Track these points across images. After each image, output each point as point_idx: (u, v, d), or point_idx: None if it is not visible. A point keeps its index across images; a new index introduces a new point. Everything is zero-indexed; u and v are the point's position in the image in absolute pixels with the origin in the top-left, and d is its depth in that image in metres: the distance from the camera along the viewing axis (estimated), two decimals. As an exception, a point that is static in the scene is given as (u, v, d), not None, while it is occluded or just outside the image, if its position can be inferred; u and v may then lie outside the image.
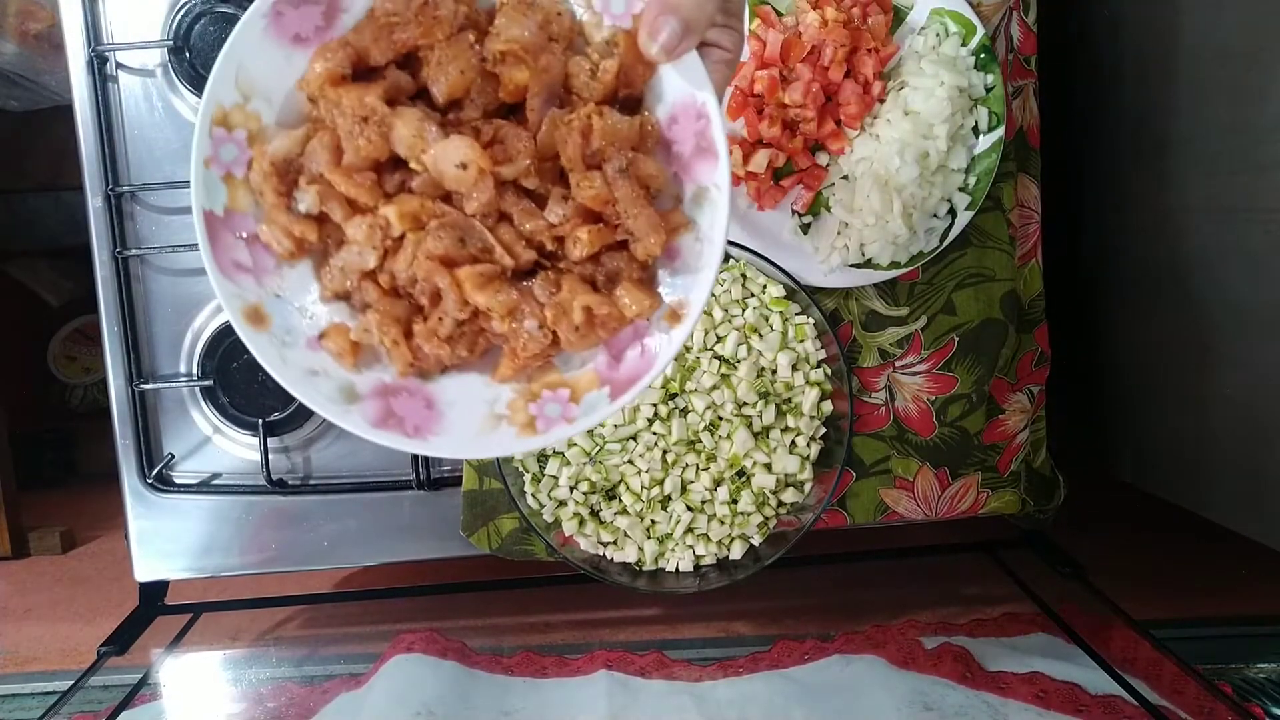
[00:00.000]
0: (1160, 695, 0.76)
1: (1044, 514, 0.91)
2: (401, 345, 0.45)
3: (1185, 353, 0.84)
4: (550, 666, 0.84)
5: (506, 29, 0.43)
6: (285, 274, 0.46)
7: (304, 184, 0.44)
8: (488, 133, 0.44)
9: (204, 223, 0.44)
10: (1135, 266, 0.91)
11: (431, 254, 0.43)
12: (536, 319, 0.45)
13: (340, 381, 0.45)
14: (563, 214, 0.44)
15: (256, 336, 0.45)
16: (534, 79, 0.43)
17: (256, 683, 0.86)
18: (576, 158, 0.44)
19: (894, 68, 0.81)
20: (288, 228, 0.44)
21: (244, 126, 0.44)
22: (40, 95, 1.17)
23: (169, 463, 0.87)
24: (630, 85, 0.45)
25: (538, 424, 0.45)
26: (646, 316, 0.45)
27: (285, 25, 0.44)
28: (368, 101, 0.43)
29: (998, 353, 0.85)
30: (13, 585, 1.09)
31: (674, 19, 0.42)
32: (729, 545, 0.80)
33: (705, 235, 0.45)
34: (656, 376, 0.45)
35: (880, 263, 0.81)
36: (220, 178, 0.44)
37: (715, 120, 0.44)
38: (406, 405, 0.46)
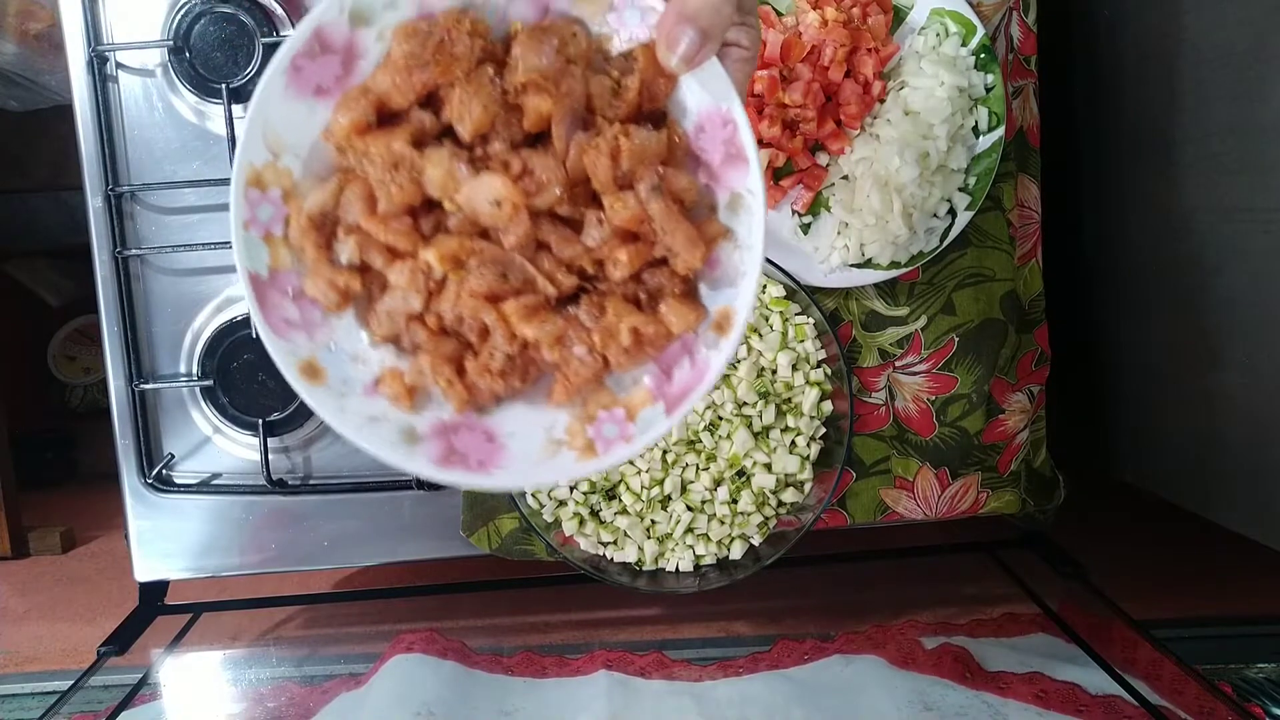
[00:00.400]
0: (1160, 695, 0.76)
1: (1044, 514, 0.91)
2: (456, 384, 0.45)
3: (1185, 353, 0.84)
4: (550, 666, 0.84)
5: (525, 59, 0.44)
6: (334, 325, 0.46)
7: (342, 235, 0.45)
8: (517, 165, 0.44)
9: (251, 286, 0.44)
10: (1135, 266, 0.91)
11: (475, 291, 0.44)
12: (585, 344, 0.45)
13: (400, 424, 0.46)
14: (600, 237, 0.45)
15: (314, 390, 0.45)
16: (557, 106, 0.44)
17: (256, 683, 0.86)
18: (608, 180, 0.44)
19: (894, 68, 0.81)
20: (332, 280, 0.45)
21: (277, 184, 0.45)
22: (40, 95, 1.17)
23: (169, 463, 0.87)
24: (653, 99, 0.45)
25: (597, 446, 0.46)
26: (693, 330, 0.46)
27: (306, 78, 0.44)
28: (395, 148, 0.44)
29: (998, 353, 0.85)
30: (13, 585, 1.09)
31: (691, 28, 0.41)
32: (729, 545, 0.80)
33: (744, 242, 0.45)
34: (709, 387, 0.45)
35: (880, 263, 0.81)
36: (260, 238, 0.45)
37: (743, 126, 0.44)
38: (467, 441, 0.46)
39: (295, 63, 0.44)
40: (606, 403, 0.47)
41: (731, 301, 0.45)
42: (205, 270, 0.86)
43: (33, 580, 1.10)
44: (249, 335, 0.84)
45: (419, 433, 0.46)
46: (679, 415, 0.45)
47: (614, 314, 0.45)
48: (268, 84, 0.44)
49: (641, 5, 0.44)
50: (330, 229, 0.45)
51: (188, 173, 0.85)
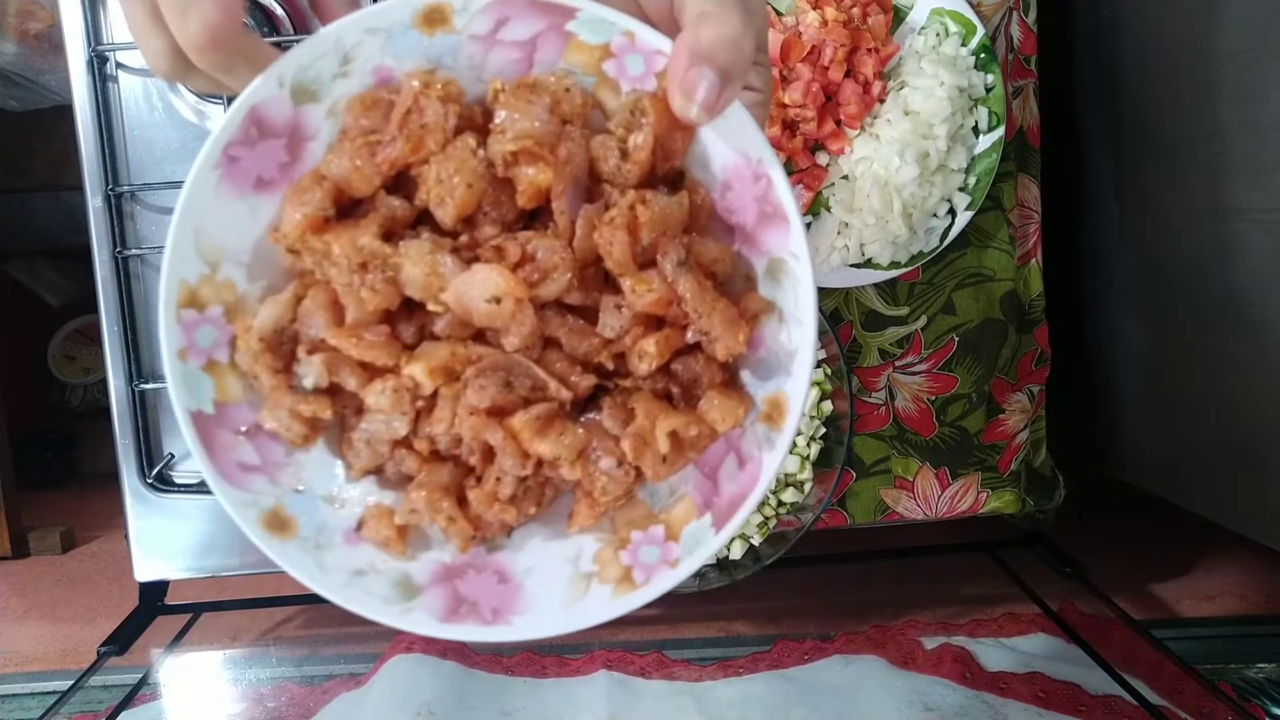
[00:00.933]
0: (1160, 695, 0.76)
1: (1044, 514, 0.91)
2: (458, 518, 0.38)
3: (1185, 353, 0.84)
4: (550, 666, 0.84)
5: (513, 124, 0.36)
6: (301, 463, 0.39)
7: (304, 354, 0.37)
8: (514, 251, 0.36)
9: (193, 427, 0.37)
10: (1135, 266, 0.91)
11: (476, 408, 0.36)
12: (613, 456, 0.37)
13: (393, 575, 0.38)
14: (619, 326, 0.37)
15: (284, 547, 0.37)
16: (556, 176, 0.36)
17: (256, 683, 0.86)
18: (626, 259, 0.36)
19: (894, 68, 0.81)
20: (295, 409, 0.37)
21: (218, 301, 0.37)
22: (40, 95, 1.17)
23: (169, 462, 0.87)
24: (669, 157, 0.38)
25: (635, 575, 0.38)
26: (740, 425, 0.38)
27: (243, 171, 0.37)
28: (363, 244, 0.36)
29: (998, 353, 0.85)
30: (13, 585, 1.09)
31: (709, 69, 0.34)
32: (729, 545, 0.80)
33: (791, 316, 0.37)
34: (764, 493, 0.37)
35: (880, 263, 0.81)
36: (201, 368, 0.37)
37: (778, 179, 0.36)
38: (476, 585, 0.38)
39: (229, 152, 0.36)
40: (641, 521, 0.39)
41: (782, 386, 0.37)
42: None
43: (33, 580, 1.10)
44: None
45: (417, 582, 0.38)
46: (731, 529, 0.37)
47: (645, 416, 0.37)
48: (195, 181, 0.36)
49: (644, 49, 0.36)
50: (289, 348, 0.37)
51: (188, 173, 0.85)
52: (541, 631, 0.38)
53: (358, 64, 0.37)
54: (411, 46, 0.37)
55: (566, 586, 0.38)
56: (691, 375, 0.38)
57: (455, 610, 0.38)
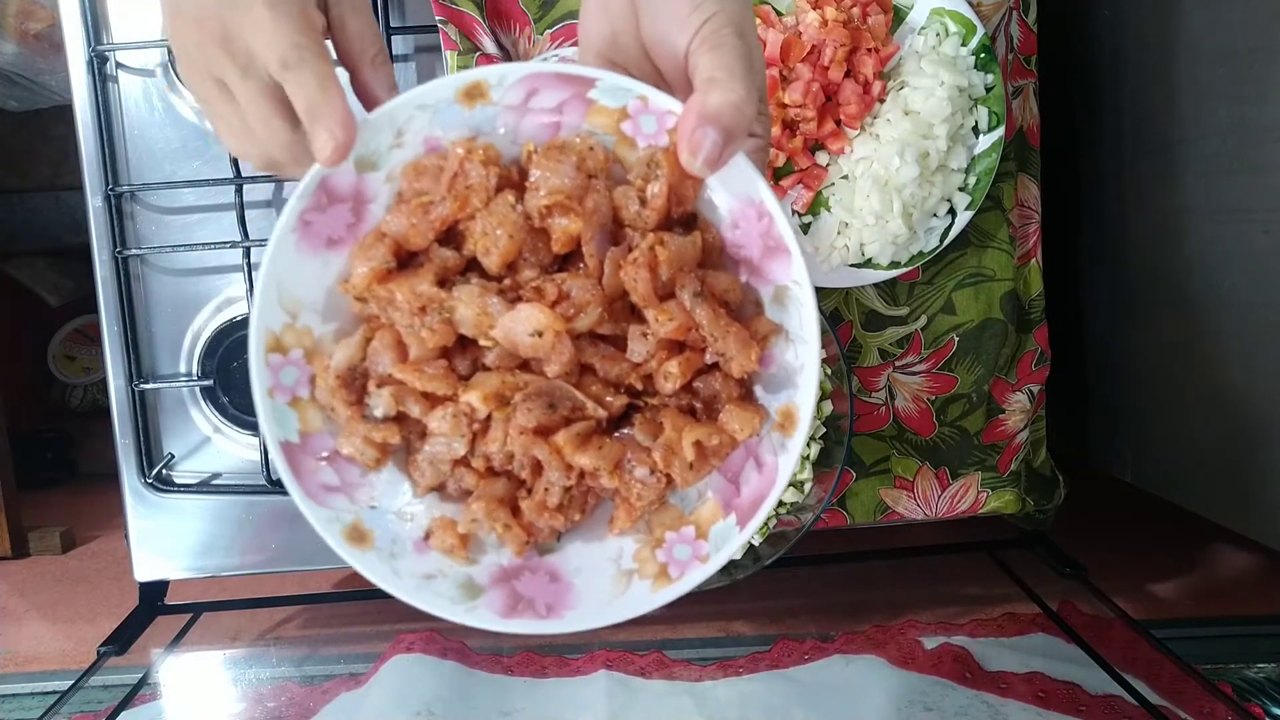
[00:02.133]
0: (1160, 695, 0.76)
1: (1044, 514, 0.91)
2: (513, 525, 0.43)
3: (1185, 353, 0.84)
4: (550, 666, 0.84)
5: (546, 181, 0.42)
6: (374, 483, 0.44)
7: (374, 388, 0.43)
8: (551, 291, 0.42)
9: (283, 455, 0.42)
10: (1135, 266, 0.91)
11: (524, 428, 0.42)
12: (646, 465, 0.43)
13: (458, 578, 0.43)
14: (646, 351, 0.43)
15: (364, 556, 0.42)
16: (585, 224, 0.42)
17: (256, 683, 0.86)
18: (648, 293, 0.42)
19: (894, 67, 0.81)
20: (368, 436, 0.43)
21: (299, 345, 0.43)
22: (40, 95, 1.17)
23: (169, 463, 0.87)
24: (682, 202, 0.43)
25: (670, 571, 0.43)
26: (757, 434, 0.44)
27: (316, 232, 0.43)
28: (421, 291, 0.42)
29: (998, 352, 0.85)
30: (13, 585, 1.09)
31: (713, 129, 0.39)
32: (729, 545, 0.80)
33: (797, 335, 0.43)
34: (781, 493, 0.43)
35: (880, 263, 0.81)
36: (287, 404, 0.43)
37: (778, 216, 0.41)
38: (531, 585, 0.44)
39: (304, 218, 0.42)
40: (673, 523, 0.45)
41: (792, 399, 0.43)
42: (205, 270, 0.86)
43: (33, 580, 1.10)
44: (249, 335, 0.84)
45: (479, 584, 0.43)
46: (753, 527, 0.43)
47: (672, 429, 0.43)
48: (277, 244, 0.42)
49: (657, 111, 0.42)
50: (360, 383, 0.43)
51: (188, 173, 0.85)
52: (591, 623, 0.43)
53: (410, 135, 0.43)
54: (455, 118, 0.43)
55: (611, 583, 0.44)
56: (711, 392, 0.44)
57: (514, 607, 0.43)
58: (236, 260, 0.84)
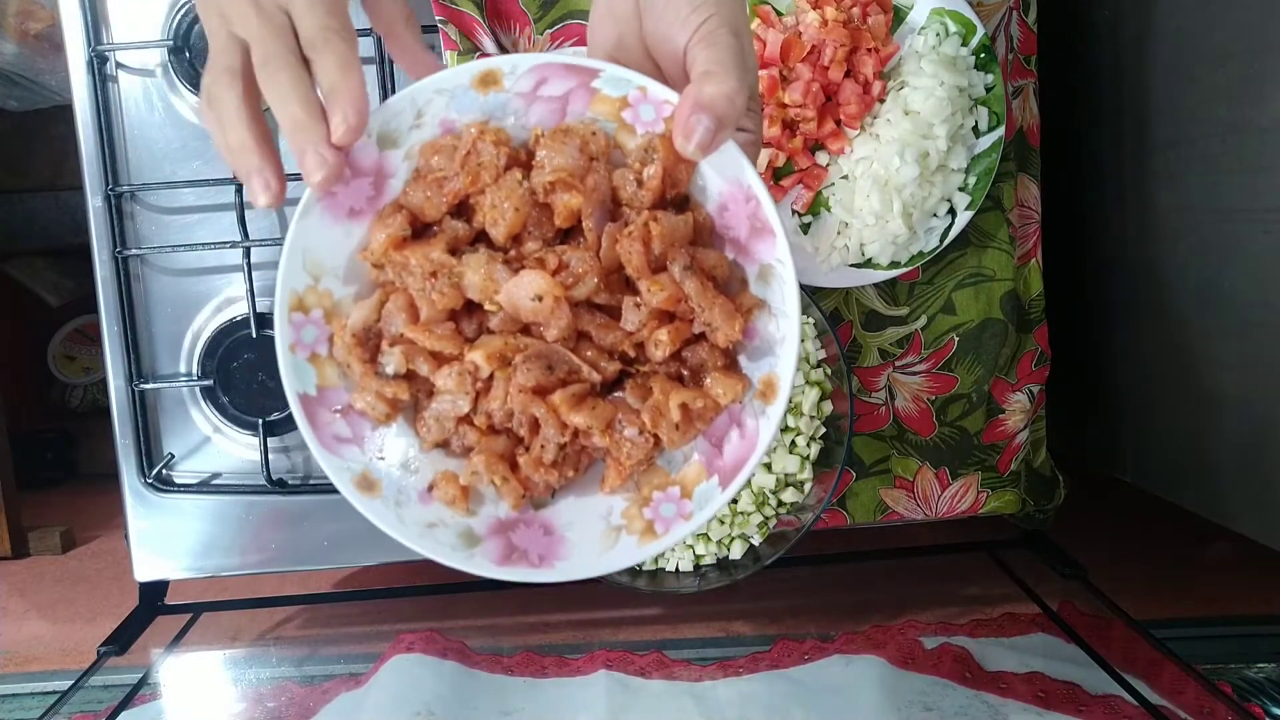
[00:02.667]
0: (1160, 695, 0.76)
1: (1044, 514, 0.91)
2: (510, 479, 0.46)
3: (1185, 353, 0.84)
4: (550, 666, 0.84)
5: (551, 160, 0.45)
6: (384, 436, 0.47)
7: (387, 347, 0.46)
8: (552, 261, 0.45)
9: (301, 406, 0.46)
10: (1135, 266, 0.91)
11: (524, 387, 0.45)
12: (635, 425, 0.46)
13: (458, 528, 0.47)
14: (638, 320, 0.46)
15: (372, 503, 0.46)
16: (586, 201, 0.45)
17: (256, 683, 0.86)
18: (642, 265, 0.45)
19: (894, 67, 0.81)
20: (380, 392, 0.46)
21: (319, 306, 0.46)
22: (40, 95, 1.17)
23: (169, 462, 0.87)
24: (675, 185, 0.46)
25: (656, 527, 0.46)
26: (739, 400, 0.46)
27: (339, 203, 0.46)
28: (434, 257, 0.45)
29: (998, 352, 0.85)
30: (13, 585, 1.09)
31: (707, 116, 0.43)
32: (729, 545, 0.80)
33: (779, 310, 0.46)
34: (762, 456, 0.45)
35: (880, 263, 0.81)
36: (306, 359, 0.46)
37: (764, 200, 0.45)
38: (526, 537, 0.47)
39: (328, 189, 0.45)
40: (660, 483, 0.47)
41: (773, 368, 0.46)
42: (205, 270, 0.86)
43: (33, 580, 1.10)
44: (249, 335, 0.84)
45: (477, 534, 0.47)
46: (735, 487, 0.45)
47: (660, 393, 0.46)
48: (304, 212, 0.45)
49: (655, 100, 0.45)
50: (374, 343, 0.47)
51: (188, 173, 0.85)
52: (581, 573, 0.46)
53: (428, 117, 0.46)
54: (470, 103, 0.46)
55: (600, 537, 0.47)
56: (698, 360, 0.47)
57: (509, 556, 0.46)
58: (236, 260, 0.84)
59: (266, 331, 0.84)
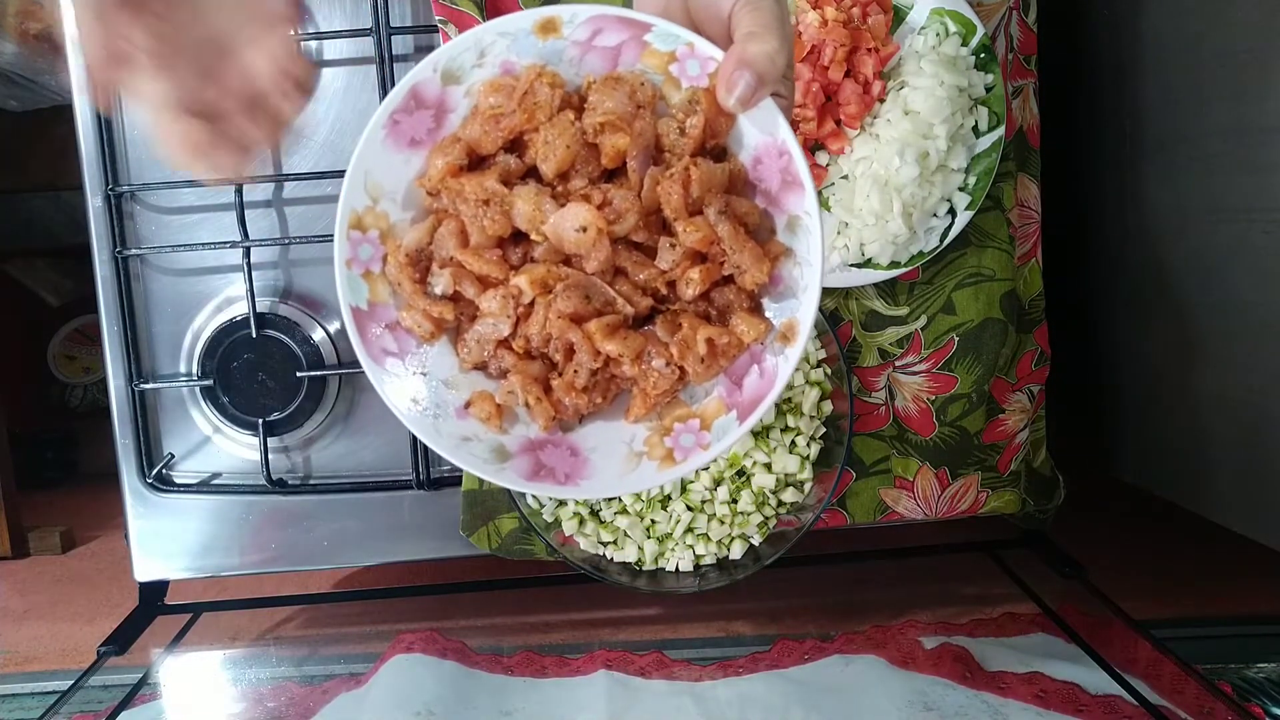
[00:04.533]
0: (1160, 695, 0.76)
1: (1044, 514, 0.91)
2: (543, 401, 0.49)
3: (1185, 353, 0.84)
4: (550, 666, 0.84)
5: (601, 103, 0.48)
6: (428, 353, 0.50)
7: (436, 269, 0.49)
8: (597, 198, 0.48)
9: (353, 318, 0.49)
10: (1135, 266, 0.91)
11: (562, 313, 0.47)
12: (664, 357, 0.49)
13: (491, 444, 0.49)
14: (672, 260, 0.48)
15: (412, 413, 0.49)
16: (632, 144, 0.48)
17: (256, 683, 0.86)
18: (680, 207, 0.47)
19: (894, 67, 0.81)
20: (427, 310, 0.49)
21: (376, 226, 0.49)
22: (40, 95, 1.17)
23: (169, 462, 0.87)
24: (715, 136, 0.49)
25: (675, 455, 0.49)
26: (761, 341, 0.49)
27: (402, 132, 0.49)
28: (488, 186, 0.48)
29: (998, 352, 0.85)
30: (13, 585, 1.09)
31: (749, 72, 0.45)
32: (729, 545, 0.80)
33: (803, 259, 0.49)
34: (779, 394, 0.48)
35: (880, 263, 0.81)
36: (360, 275, 0.49)
37: (797, 155, 0.47)
38: (554, 456, 0.50)
39: (393, 118, 0.48)
40: (682, 415, 0.50)
41: (795, 313, 0.49)
42: (205, 270, 0.86)
43: (33, 580, 1.10)
44: (249, 335, 0.84)
45: (509, 450, 0.49)
46: (751, 422, 0.48)
47: (689, 327, 0.48)
48: (369, 138, 0.48)
49: (701, 56, 0.48)
50: (425, 265, 0.49)
51: (188, 172, 0.85)
52: (603, 493, 0.51)
53: (490, 58, 0.49)
54: (530, 47, 0.49)
55: (623, 461, 0.50)
56: (725, 301, 0.50)
57: (537, 473, 0.49)
58: (236, 260, 0.84)
59: (267, 331, 0.84)
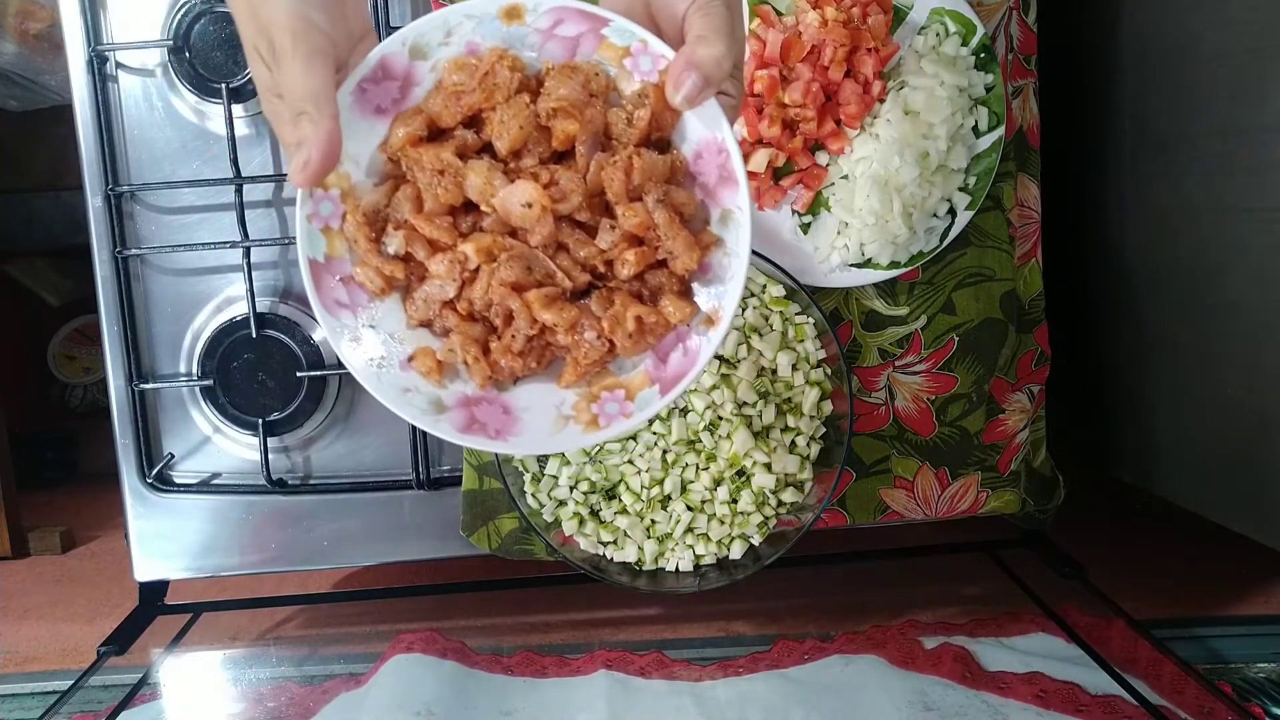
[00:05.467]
0: (1160, 695, 0.76)
1: (1044, 514, 0.91)
2: (481, 361, 0.52)
3: (1185, 353, 0.84)
4: (550, 666, 0.84)
5: (556, 89, 0.51)
6: (378, 308, 0.53)
7: (391, 230, 0.52)
8: (545, 177, 0.51)
9: (309, 269, 0.52)
10: (1135, 266, 0.91)
11: (504, 281, 0.51)
12: (595, 329, 0.52)
13: (429, 396, 0.53)
14: (611, 240, 0.52)
15: (356, 361, 0.52)
16: (582, 129, 0.51)
17: (256, 683, 0.86)
18: (621, 192, 0.51)
19: (894, 67, 0.81)
20: (379, 268, 0.52)
21: (337, 185, 0.52)
22: (40, 95, 1.17)
23: (169, 462, 0.87)
24: (660, 129, 0.53)
25: (600, 420, 0.52)
26: (687, 322, 0.53)
27: (368, 100, 0.52)
28: (444, 157, 0.51)
29: (998, 352, 0.85)
30: (13, 585, 1.09)
31: (695, 74, 0.48)
32: (729, 545, 0.80)
33: (733, 250, 0.52)
34: (699, 373, 0.52)
35: (880, 263, 0.81)
36: (320, 230, 0.52)
37: (734, 154, 0.51)
38: (487, 413, 0.53)
39: (361, 86, 0.51)
40: (609, 385, 0.54)
41: (720, 300, 0.52)
42: (205, 270, 0.86)
43: (33, 580, 1.10)
44: (249, 335, 0.84)
45: (445, 403, 0.53)
46: (672, 396, 0.52)
47: (621, 304, 0.52)
48: (337, 102, 0.50)
49: (654, 54, 0.51)
50: (381, 225, 0.52)
51: (188, 173, 0.85)
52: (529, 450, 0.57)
53: (456, 38, 0.52)
54: (494, 30, 0.52)
55: (551, 422, 0.53)
56: (657, 283, 0.53)
57: (469, 426, 0.52)
58: (236, 260, 0.84)
59: (267, 331, 0.84)
